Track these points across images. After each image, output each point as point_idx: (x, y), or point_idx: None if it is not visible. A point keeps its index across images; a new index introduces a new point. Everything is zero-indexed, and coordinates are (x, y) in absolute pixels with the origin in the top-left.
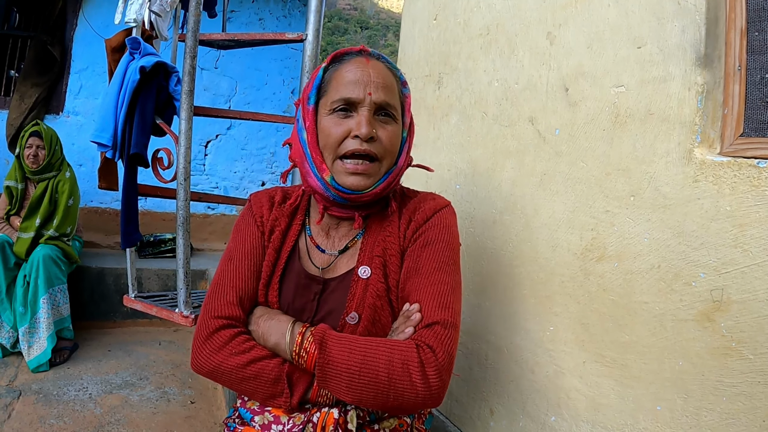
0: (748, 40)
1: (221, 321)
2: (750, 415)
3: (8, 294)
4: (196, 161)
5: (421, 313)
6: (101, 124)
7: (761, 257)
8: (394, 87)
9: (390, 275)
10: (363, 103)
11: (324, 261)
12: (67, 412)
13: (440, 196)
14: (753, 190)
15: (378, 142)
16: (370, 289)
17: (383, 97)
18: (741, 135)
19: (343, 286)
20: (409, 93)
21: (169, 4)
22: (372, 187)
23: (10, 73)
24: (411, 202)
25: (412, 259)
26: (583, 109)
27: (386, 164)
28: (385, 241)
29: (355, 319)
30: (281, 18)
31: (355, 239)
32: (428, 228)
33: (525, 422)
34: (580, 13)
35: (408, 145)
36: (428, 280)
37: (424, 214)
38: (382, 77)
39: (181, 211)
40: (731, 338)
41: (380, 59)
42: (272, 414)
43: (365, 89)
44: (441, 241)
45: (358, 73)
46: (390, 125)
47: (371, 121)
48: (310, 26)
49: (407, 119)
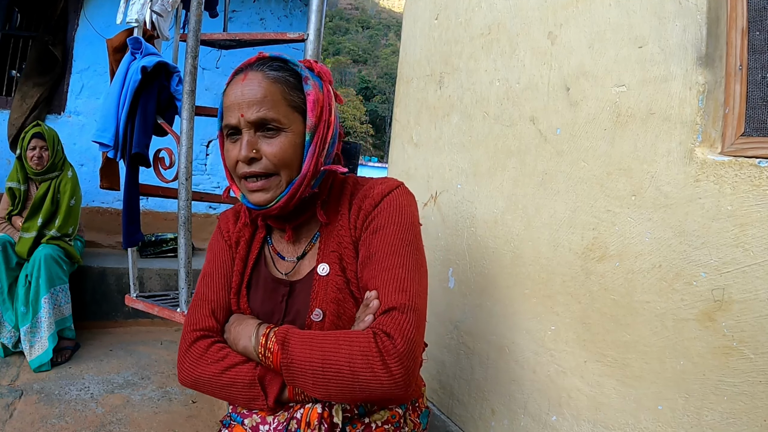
0: (749, 39)
1: (197, 333)
2: (751, 414)
3: (10, 294)
4: (197, 161)
5: (379, 300)
6: (103, 124)
7: (762, 257)
8: (276, 96)
9: (347, 268)
10: (240, 126)
11: (287, 267)
12: (69, 411)
13: (392, 179)
14: (754, 189)
15: (264, 159)
16: (330, 285)
17: (257, 114)
18: (742, 134)
19: (307, 286)
20: (312, 90)
21: (170, 4)
22: (275, 201)
23: (12, 73)
24: (361, 191)
25: (365, 247)
26: (585, 109)
27: (286, 175)
28: (339, 236)
29: (319, 315)
30: (282, 18)
31: (311, 243)
32: (378, 213)
33: (526, 421)
34: (581, 13)
35: (315, 148)
36: (382, 265)
37: (373, 200)
38: (255, 92)
39: (182, 211)
40: (732, 338)
41: (262, 67)
42: (259, 415)
43: (238, 111)
44: (393, 223)
45: (232, 96)
46: (276, 138)
47: (251, 142)
48: (312, 26)
49: (311, 119)
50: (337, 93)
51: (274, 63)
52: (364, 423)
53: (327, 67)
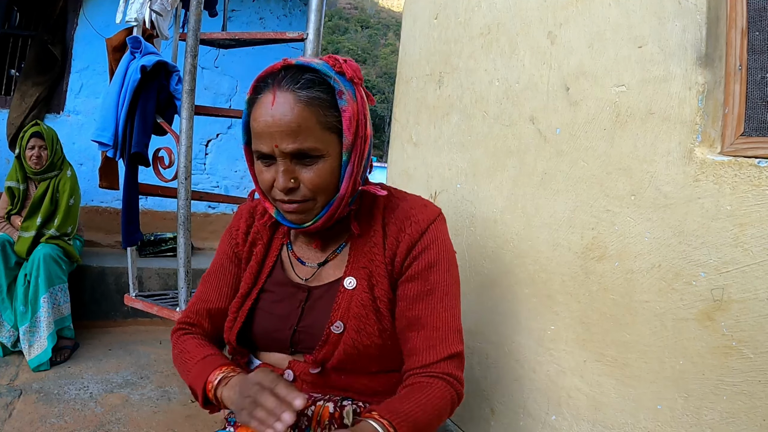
0: (748, 39)
1: (179, 326)
2: (750, 414)
3: (9, 293)
4: (196, 160)
5: (437, 341)
6: (102, 123)
7: (762, 256)
8: (311, 122)
9: (376, 286)
10: (275, 155)
11: (306, 272)
12: (68, 411)
13: (430, 202)
14: (753, 189)
15: (302, 187)
16: (355, 299)
17: (292, 145)
18: (741, 134)
19: (329, 295)
20: (347, 105)
21: (170, 3)
22: (312, 221)
23: (11, 73)
24: (399, 209)
25: (419, 283)
26: (584, 109)
27: (322, 199)
28: (371, 252)
29: (340, 328)
30: (282, 17)
31: (335, 252)
32: (428, 244)
33: (526, 421)
34: (581, 13)
35: (353, 167)
36: (442, 304)
37: (418, 227)
38: (288, 120)
39: (181, 210)
40: (732, 337)
41: (291, 84)
42: None
43: (271, 141)
44: (446, 259)
45: (261, 122)
46: (314, 165)
47: (288, 171)
48: (311, 25)
49: (348, 138)
50: (369, 93)
51: (303, 76)
52: None
53: (354, 63)
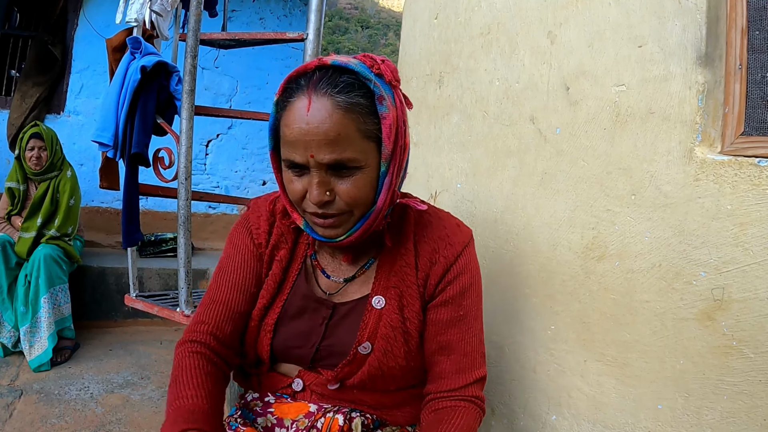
0: (748, 38)
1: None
2: (751, 413)
3: (9, 294)
4: (197, 160)
5: (467, 366)
6: (102, 123)
7: (762, 256)
8: (350, 131)
9: (406, 306)
10: (309, 166)
11: (330, 286)
12: (69, 411)
13: (461, 222)
14: (754, 188)
15: (337, 200)
16: (384, 320)
17: (330, 156)
18: (742, 134)
19: (355, 314)
20: (388, 111)
21: (170, 4)
22: (346, 235)
23: (11, 73)
24: (432, 228)
25: (452, 308)
26: (584, 108)
27: (358, 212)
28: (402, 272)
29: (367, 349)
30: (282, 17)
31: (363, 268)
32: (462, 269)
33: (526, 421)
34: (580, 12)
35: (391, 177)
36: (472, 330)
37: (454, 251)
38: (326, 129)
39: (182, 211)
40: (732, 337)
41: (329, 88)
42: (275, 416)
43: (306, 150)
44: (477, 284)
45: (295, 128)
46: (352, 176)
47: (323, 183)
48: (311, 25)
49: (387, 147)
50: (407, 96)
51: (341, 79)
52: None
53: (392, 62)
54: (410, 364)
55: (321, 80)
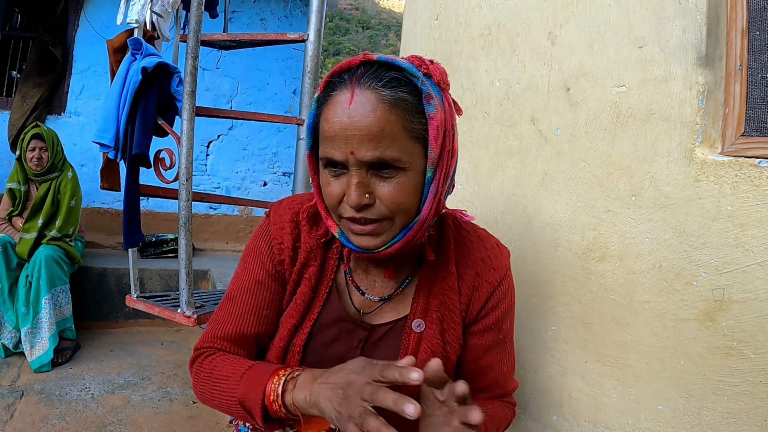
0: (749, 39)
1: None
2: (751, 414)
3: (11, 294)
4: (198, 161)
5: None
6: (103, 124)
7: (762, 257)
8: (396, 127)
9: (447, 330)
10: (348, 163)
11: (365, 305)
12: (70, 412)
13: (499, 241)
14: (754, 189)
15: (378, 204)
16: (424, 344)
17: (372, 153)
18: (742, 135)
19: (392, 336)
20: (436, 111)
21: (170, 5)
22: (385, 246)
23: (12, 74)
24: (473, 248)
25: (494, 333)
26: (585, 109)
27: (401, 220)
28: (443, 294)
29: None
30: (282, 18)
31: (400, 287)
32: (504, 293)
33: (527, 422)
34: (581, 13)
35: (438, 184)
36: (508, 350)
37: (497, 275)
38: (370, 123)
39: (183, 212)
40: (732, 338)
41: (373, 81)
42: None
43: (346, 146)
44: (513, 305)
45: (335, 122)
46: (394, 178)
47: (363, 184)
48: (312, 26)
49: (434, 150)
50: (456, 102)
51: (387, 74)
52: None
53: (441, 66)
54: None
55: (365, 74)
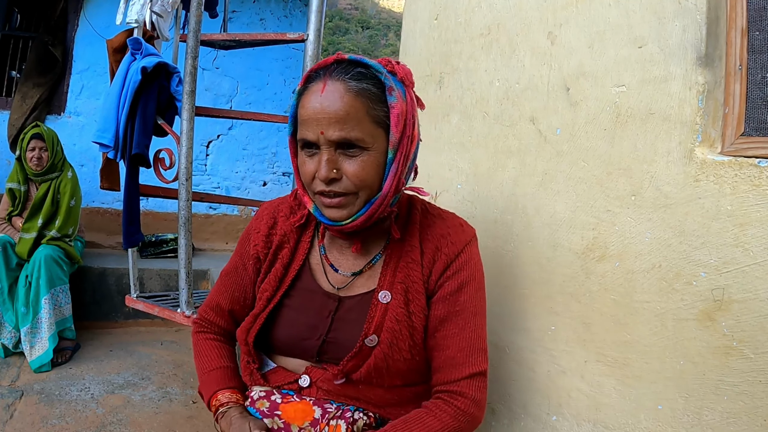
0: (748, 39)
1: (196, 323)
2: (751, 414)
3: (10, 294)
4: (197, 161)
5: (460, 361)
6: (103, 124)
7: (762, 256)
8: (360, 112)
9: (412, 301)
10: (320, 144)
11: (338, 281)
12: (69, 412)
13: (465, 221)
14: (754, 189)
15: (344, 179)
16: (390, 314)
17: (339, 133)
18: (742, 134)
19: (361, 307)
20: (396, 101)
21: (170, 5)
22: (351, 218)
23: (12, 74)
24: (436, 227)
25: (448, 304)
26: (584, 109)
27: (364, 195)
28: (408, 268)
29: (374, 341)
30: (282, 18)
31: (371, 263)
32: (461, 266)
33: (526, 422)
34: (580, 13)
35: (398, 165)
36: (468, 325)
37: (455, 248)
38: (337, 108)
39: (182, 211)
40: (732, 337)
41: (343, 75)
42: (282, 419)
43: (317, 128)
44: (475, 280)
45: (309, 108)
46: (359, 157)
47: (331, 161)
48: (312, 26)
49: (395, 135)
50: (419, 98)
51: (355, 69)
52: None
53: (407, 67)
54: (415, 358)
55: (337, 69)
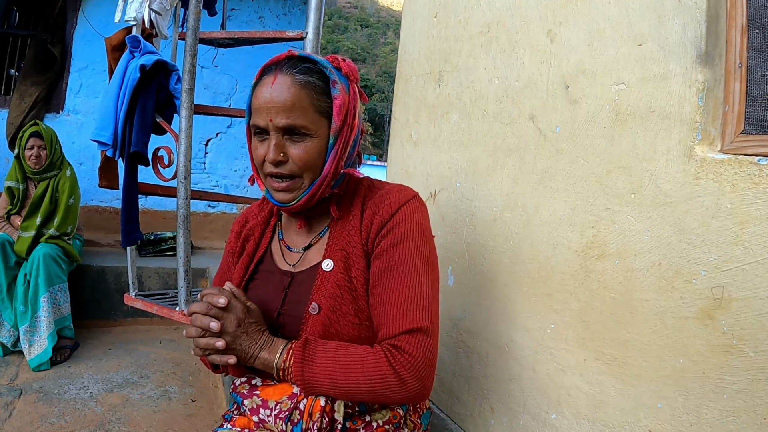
0: (748, 37)
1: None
2: (750, 412)
3: (9, 293)
4: (196, 159)
5: (397, 316)
6: (101, 122)
7: (762, 254)
8: (304, 101)
9: (352, 267)
10: (269, 129)
11: (294, 258)
12: (68, 410)
13: (407, 187)
14: (754, 187)
15: (290, 162)
16: (332, 280)
17: (285, 120)
18: (741, 132)
19: (310, 279)
20: (339, 93)
21: (169, 3)
22: (296, 200)
23: (11, 72)
24: (376, 195)
25: (384, 258)
26: (584, 107)
27: (309, 177)
28: (348, 235)
29: (316, 309)
30: (281, 16)
31: (318, 236)
32: (396, 224)
33: (526, 420)
34: (580, 11)
35: (337, 151)
36: (404, 281)
37: (389, 208)
38: (284, 98)
39: (181, 210)
40: (732, 336)
41: (291, 69)
42: (260, 398)
43: (267, 115)
44: (413, 238)
45: (261, 98)
46: (303, 142)
47: (279, 145)
48: (310, 24)
49: (336, 123)
50: (362, 92)
51: (302, 65)
52: (365, 421)
53: (353, 63)
54: (364, 322)
55: (286, 64)
